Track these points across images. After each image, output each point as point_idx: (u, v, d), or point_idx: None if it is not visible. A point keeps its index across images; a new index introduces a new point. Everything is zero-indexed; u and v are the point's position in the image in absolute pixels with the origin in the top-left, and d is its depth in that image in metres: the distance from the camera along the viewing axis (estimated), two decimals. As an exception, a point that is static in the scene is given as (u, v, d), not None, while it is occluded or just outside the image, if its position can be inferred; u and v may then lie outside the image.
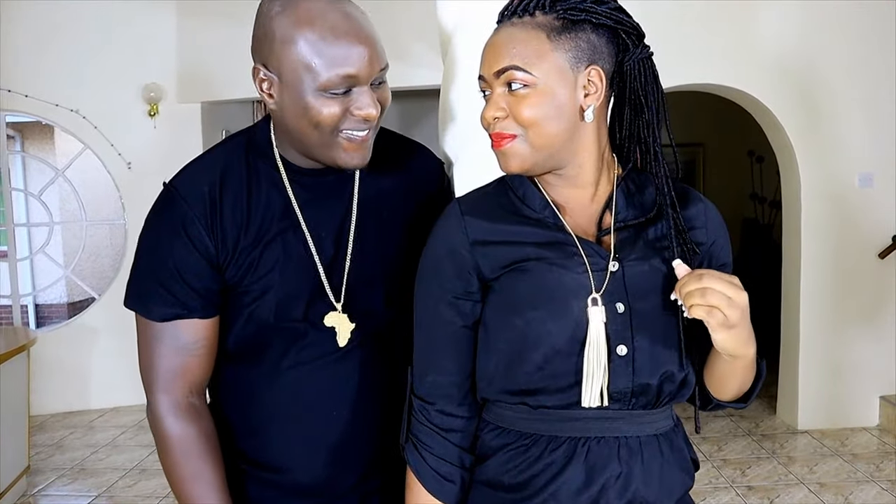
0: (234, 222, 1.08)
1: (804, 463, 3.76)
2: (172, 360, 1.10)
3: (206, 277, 1.08)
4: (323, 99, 1.01)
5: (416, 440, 1.02)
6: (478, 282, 0.99)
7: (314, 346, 1.11)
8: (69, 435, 4.57)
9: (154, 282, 1.09)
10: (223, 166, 1.11)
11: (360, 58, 1.01)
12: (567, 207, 1.01)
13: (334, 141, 1.03)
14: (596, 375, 0.92)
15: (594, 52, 0.97)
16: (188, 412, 1.11)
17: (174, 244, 1.08)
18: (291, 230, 1.10)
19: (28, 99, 4.80)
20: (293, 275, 1.10)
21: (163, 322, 1.09)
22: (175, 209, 1.08)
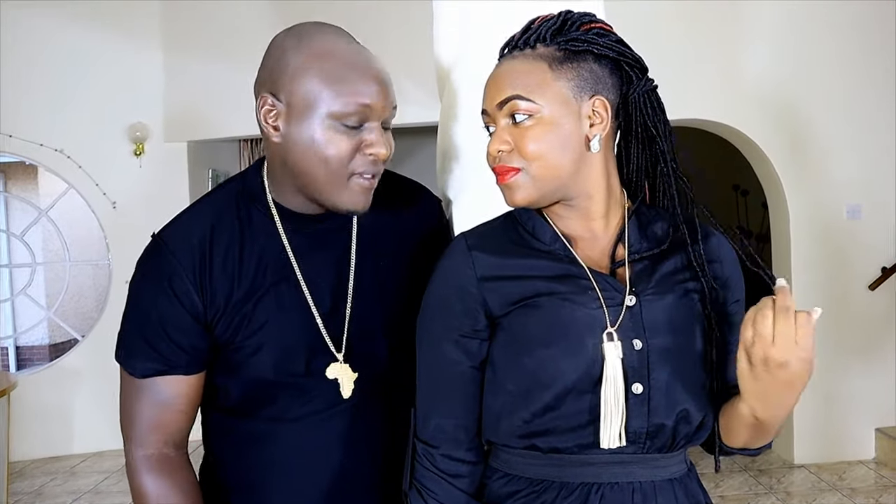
0: (225, 276, 1.04)
1: (803, 498, 3.71)
2: (151, 415, 1.06)
3: (192, 334, 1.04)
4: (333, 132, 0.98)
5: (421, 486, 0.97)
6: (485, 319, 0.96)
7: (317, 399, 1.07)
8: (50, 482, 4.43)
9: (138, 336, 1.05)
10: (214, 217, 1.07)
11: (376, 91, 0.99)
12: (578, 240, 0.98)
13: (343, 182, 1.00)
14: (615, 415, 0.88)
15: (597, 83, 0.95)
16: (163, 465, 1.06)
17: (159, 299, 1.04)
18: (286, 281, 1.06)
19: (12, 139, 4.76)
20: (289, 328, 1.05)
21: (143, 378, 1.05)
22: (162, 262, 1.04)
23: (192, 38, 4.89)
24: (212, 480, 1.13)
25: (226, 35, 4.85)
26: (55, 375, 4.97)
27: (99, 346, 5.03)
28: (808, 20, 4.13)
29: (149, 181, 4.97)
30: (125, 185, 4.94)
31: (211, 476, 1.13)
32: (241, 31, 4.84)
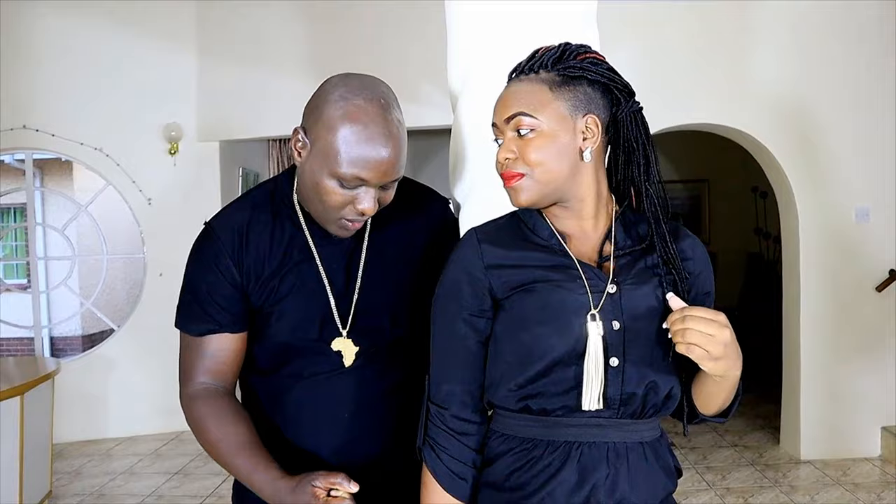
0: (257, 256, 1.26)
1: (806, 492, 3.83)
2: (203, 365, 1.27)
3: (234, 301, 1.26)
4: (333, 185, 1.17)
5: (434, 442, 1.15)
6: (490, 301, 1.13)
7: (326, 362, 1.28)
8: (87, 463, 4.68)
9: (194, 304, 1.28)
10: (251, 210, 1.29)
11: (378, 167, 1.16)
12: (572, 237, 1.15)
13: (332, 220, 1.22)
14: (594, 382, 1.05)
15: (590, 103, 1.12)
16: (210, 394, 1.26)
17: (208, 275, 1.26)
18: (307, 263, 1.27)
19: (54, 138, 5.02)
20: (306, 301, 1.27)
21: (198, 336, 1.26)
22: (210, 245, 1.27)
23: (225, 44, 5.11)
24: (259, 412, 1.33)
25: (256, 41, 5.06)
26: (91, 363, 5.21)
27: (134, 335, 5.28)
28: (817, 27, 4.24)
29: (182, 179, 5.20)
30: (160, 183, 5.17)
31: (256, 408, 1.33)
32: (270, 38, 5.06)
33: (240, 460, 1.20)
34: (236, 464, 1.21)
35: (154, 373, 5.27)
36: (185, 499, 3.99)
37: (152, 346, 5.26)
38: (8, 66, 5.00)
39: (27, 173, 5.35)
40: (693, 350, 1.00)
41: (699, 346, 0.99)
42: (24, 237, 11.78)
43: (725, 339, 1.00)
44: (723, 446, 4.61)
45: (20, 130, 4.99)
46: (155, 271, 5.24)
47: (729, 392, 1.12)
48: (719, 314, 1.01)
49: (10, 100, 5.00)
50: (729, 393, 1.12)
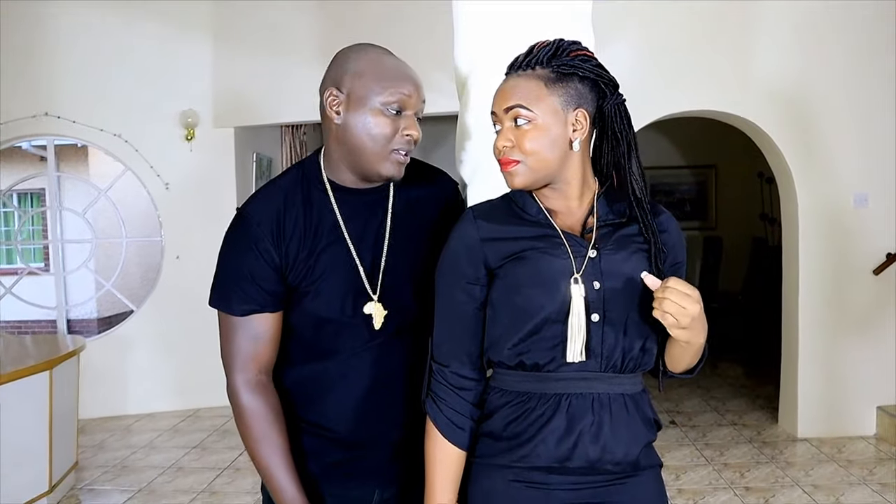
0: (294, 239, 1.36)
1: (801, 467, 3.97)
2: (248, 347, 1.37)
3: (273, 281, 1.36)
4: (381, 116, 1.31)
5: (435, 396, 1.30)
6: (485, 270, 1.27)
7: (359, 334, 1.39)
8: (109, 437, 4.87)
9: (235, 286, 1.37)
10: (283, 196, 1.39)
11: (412, 88, 1.34)
12: (558, 213, 1.29)
13: (385, 155, 1.34)
14: (578, 336, 1.19)
15: (580, 98, 1.25)
16: (258, 388, 1.38)
17: (248, 257, 1.35)
18: (338, 242, 1.39)
19: (75, 125, 5.18)
20: (340, 278, 1.38)
21: (241, 316, 1.37)
22: (248, 229, 1.36)
23: (240, 32, 5.24)
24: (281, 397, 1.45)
25: (270, 29, 5.19)
26: (110, 343, 5.38)
27: (151, 316, 5.46)
28: (820, 18, 4.33)
29: (199, 164, 5.35)
30: (177, 168, 5.32)
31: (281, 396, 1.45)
32: (284, 26, 5.18)
33: (276, 468, 1.36)
34: (272, 465, 1.36)
35: (171, 352, 5.46)
36: (205, 470, 4.17)
37: (170, 327, 5.44)
38: (30, 55, 5.16)
39: (49, 159, 5.51)
40: (666, 318, 1.13)
41: (672, 315, 1.13)
42: (40, 221, 12.02)
43: (694, 312, 1.14)
44: (722, 425, 4.75)
45: (42, 117, 5.15)
46: (172, 254, 5.40)
47: (693, 355, 1.26)
48: (694, 290, 1.15)
49: (33, 88, 5.16)
50: (694, 356, 1.26)
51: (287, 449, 1.38)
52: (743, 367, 6.45)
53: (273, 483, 1.37)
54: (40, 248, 11.62)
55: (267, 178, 6.14)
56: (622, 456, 1.24)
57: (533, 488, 1.23)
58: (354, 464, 1.44)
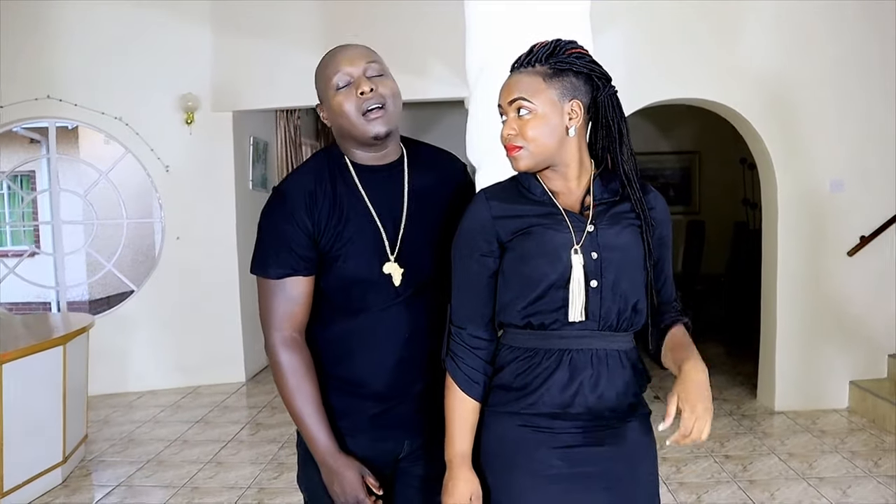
0: (325, 210, 1.54)
1: (777, 437, 4.20)
2: (284, 308, 1.54)
3: (307, 248, 1.53)
4: (339, 97, 1.51)
5: (453, 354, 1.47)
6: (497, 244, 1.44)
7: (382, 294, 1.56)
8: (112, 413, 5.02)
9: (272, 252, 1.54)
10: (314, 175, 1.57)
11: (345, 62, 1.52)
12: (559, 193, 1.46)
13: (361, 120, 1.51)
14: (577, 299, 1.37)
15: (575, 90, 1.42)
16: (293, 344, 1.55)
17: (286, 227, 1.52)
18: (363, 213, 1.56)
19: (77, 107, 5.29)
20: (365, 244, 1.55)
21: (277, 279, 1.54)
22: (284, 204, 1.54)
23: (238, 19, 5.36)
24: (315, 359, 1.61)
25: (268, 16, 5.31)
26: (111, 323, 5.49)
27: (152, 296, 5.60)
28: (801, 12, 4.52)
29: (198, 146, 5.49)
30: (177, 151, 5.45)
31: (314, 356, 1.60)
32: (282, 13, 5.31)
33: (309, 416, 1.53)
34: (305, 414, 1.53)
35: (171, 331, 5.61)
36: (209, 443, 4.34)
37: (170, 307, 5.58)
38: (33, 38, 5.26)
39: (50, 142, 5.61)
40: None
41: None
42: (30, 203, 12.05)
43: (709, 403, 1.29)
44: (704, 399, 4.97)
45: (44, 100, 5.25)
46: (172, 235, 5.54)
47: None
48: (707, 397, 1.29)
49: (35, 71, 5.26)
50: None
51: (319, 400, 1.55)
52: (725, 346, 6.70)
53: (306, 431, 1.55)
54: (31, 229, 11.68)
55: (263, 160, 6.28)
56: (616, 403, 1.42)
57: (539, 432, 1.41)
58: (384, 417, 1.60)
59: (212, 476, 3.81)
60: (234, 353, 5.74)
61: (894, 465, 3.72)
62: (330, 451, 1.54)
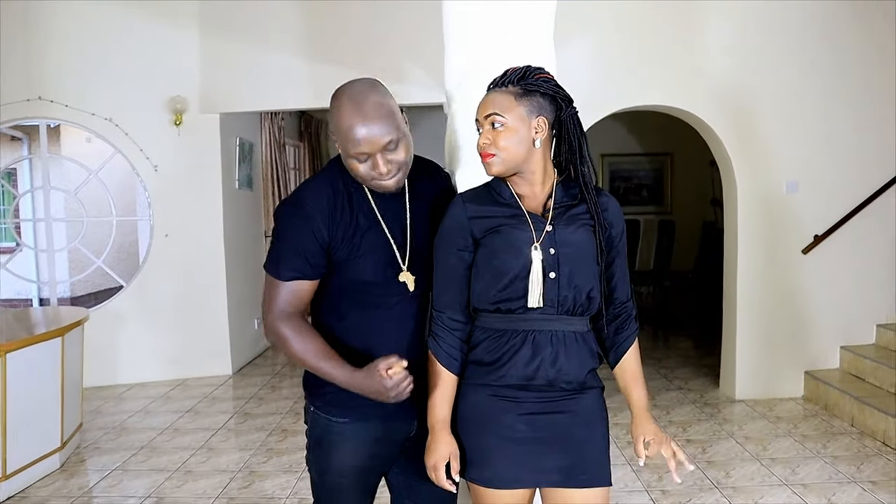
0: (342, 222, 1.70)
1: (736, 423, 4.49)
2: (286, 299, 1.71)
3: (319, 257, 1.68)
4: (354, 162, 1.65)
5: (435, 335, 1.71)
6: (472, 240, 1.67)
7: (393, 293, 1.75)
8: (104, 403, 5.20)
9: (287, 257, 1.68)
10: (331, 186, 1.71)
11: (369, 142, 1.61)
12: (525, 197, 1.70)
13: (370, 181, 1.67)
14: (536, 289, 1.60)
15: (541, 108, 1.66)
16: (292, 318, 1.71)
17: (302, 236, 1.66)
18: (375, 225, 1.74)
19: (68, 108, 5.45)
20: (378, 252, 1.73)
21: (286, 281, 1.71)
22: (305, 212, 1.67)
23: (226, 23, 5.56)
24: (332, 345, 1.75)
25: (252, 22, 5.52)
26: (100, 317, 5.63)
27: (140, 292, 5.77)
28: (756, 24, 4.82)
29: (186, 147, 5.67)
30: (165, 151, 5.63)
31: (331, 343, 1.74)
32: (267, 18, 5.51)
33: (322, 363, 1.67)
34: (320, 366, 1.68)
35: (160, 325, 5.80)
36: (200, 431, 4.54)
37: (158, 302, 5.76)
38: (25, 40, 5.42)
39: (42, 140, 5.76)
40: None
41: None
42: (11, 200, 12.09)
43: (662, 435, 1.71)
44: (670, 389, 5.26)
45: (36, 101, 5.42)
46: (161, 233, 5.72)
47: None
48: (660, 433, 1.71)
49: (27, 72, 5.42)
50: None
51: (327, 347, 1.69)
52: (692, 340, 7.01)
53: (328, 374, 1.68)
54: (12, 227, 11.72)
55: (249, 161, 6.48)
56: (573, 377, 1.67)
57: (506, 401, 1.66)
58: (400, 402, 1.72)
59: (203, 461, 4.02)
60: (221, 347, 5.94)
61: (841, 447, 4.02)
62: (352, 375, 1.66)
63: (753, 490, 3.48)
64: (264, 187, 6.96)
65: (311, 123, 8.22)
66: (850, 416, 4.42)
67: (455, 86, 2.01)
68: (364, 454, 1.80)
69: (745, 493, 3.44)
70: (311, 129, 8.24)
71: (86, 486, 3.70)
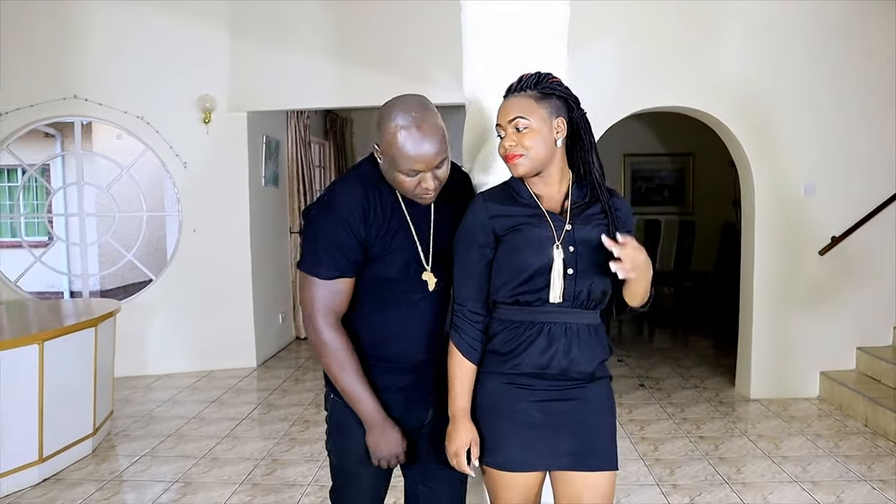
0: (375, 222, 1.76)
1: (749, 422, 4.55)
2: (328, 301, 1.80)
3: (357, 253, 1.75)
4: (403, 176, 1.71)
5: (456, 327, 1.81)
6: (493, 237, 1.77)
7: (415, 290, 1.85)
8: (133, 393, 5.37)
9: (326, 256, 1.75)
10: (364, 187, 1.78)
11: (423, 161, 1.69)
12: (543, 197, 1.79)
13: (412, 195, 1.75)
14: (556, 284, 1.70)
15: (559, 110, 1.76)
16: (336, 327, 1.81)
17: (340, 234, 1.73)
18: (404, 226, 1.83)
19: (101, 106, 5.63)
20: (405, 251, 1.83)
21: (327, 280, 1.79)
22: (339, 214, 1.74)
23: (254, 23, 5.71)
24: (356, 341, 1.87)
25: (282, 21, 5.66)
26: (130, 310, 5.80)
27: (169, 285, 5.94)
28: (775, 28, 4.86)
29: (214, 145, 5.83)
30: (194, 148, 5.79)
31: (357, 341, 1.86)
32: (295, 19, 5.65)
33: (357, 386, 1.79)
34: (354, 384, 1.79)
35: (187, 319, 5.96)
36: (225, 420, 4.69)
37: (186, 296, 5.93)
38: (62, 42, 5.61)
39: (76, 137, 5.94)
40: (622, 266, 1.61)
41: (626, 265, 1.62)
42: (44, 196, 12.40)
43: (641, 262, 1.65)
44: (686, 388, 5.33)
45: (71, 99, 5.60)
46: (189, 228, 5.88)
47: (644, 291, 1.75)
48: (641, 248, 1.64)
49: (64, 72, 5.61)
50: (644, 292, 1.76)
51: (362, 371, 1.82)
52: (711, 340, 7.05)
53: (356, 398, 1.81)
54: (45, 221, 12.02)
55: (275, 158, 6.63)
56: (584, 367, 1.76)
57: (521, 388, 1.76)
58: (414, 388, 1.89)
59: (229, 448, 4.16)
60: (247, 341, 6.10)
61: (854, 446, 4.07)
62: (379, 413, 1.80)
63: (763, 486, 3.55)
64: (290, 184, 7.10)
65: (337, 122, 8.36)
66: (863, 417, 4.46)
67: (472, 92, 2.11)
68: None
69: (754, 489, 3.51)
70: (337, 127, 8.37)
71: (116, 471, 3.86)
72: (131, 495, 3.56)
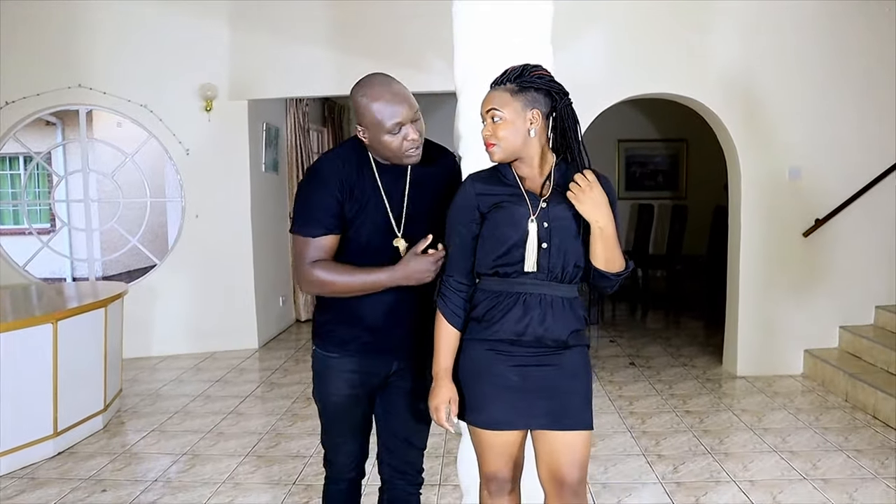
0: (350, 186, 2.00)
1: (734, 398, 4.73)
2: (314, 254, 2.00)
3: (338, 214, 1.97)
4: (390, 136, 1.93)
5: (443, 295, 1.98)
6: (478, 214, 1.93)
7: (387, 255, 2.03)
8: (139, 373, 5.55)
9: (311, 217, 1.99)
10: (345, 157, 2.03)
11: (403, 112, 1.91)
12: (526, 179, 1.95)
13: (402, 154, 1.97)
14: (531, 255, 1.86)
15: (535, 102, 1.91)
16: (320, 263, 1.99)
17: (323, 197, 1.96)
18: (377, 193, 2.03)
19: (105, 95, 5.77)
20: (376, 218, 2.03)
21: (314, 238, 1.99)
22: (322, 178, 1.98)
23: (254, 14, 5.84)
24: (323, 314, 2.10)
25: (281, 12, 5.78)
26: (135, 293, 5.95)
27: (172, 269, 6.11)
28: (763, 15, 5.00)
29: (216, 132, 5.98)
30: (196, 136, 5.94)
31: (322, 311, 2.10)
32: (293, 9, 5.77)
33: (362, 278, 1.98)
34: (361, 281, 1.98)
35: (190, 302, 6.13)
36: (229, 398, 4.86)
37: (189, 279, 6.10)
38: (66, 31, 5.75)
39: (81, 126, 6.09)
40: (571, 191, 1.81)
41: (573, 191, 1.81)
42: (45, 184, 12.55)
43: (595, 196, 1.82)
44: (675, 366, 5.50)
45: (76, 88, 5.75)
46: (192, 213, 6.04)
47: (611, 248, 1.88)
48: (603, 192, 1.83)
49: (69, 61, 5.75)
50: (612, 249, 1.88)
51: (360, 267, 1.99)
52: (702, 321, 7.22)
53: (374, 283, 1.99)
54: (46, 208, 12.20)
55: (275, 145, 6.77)
56: (558, 335, 1.92)
57: (501, 354, 1.92)
58: (376, 344, 2.08)
59: (234, 424, 4.34)
60: (248, 322, 6.27)
61: (833, 419, 4.25)
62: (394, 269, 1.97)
63: (744, 456, 3.72)
64: (289, 171, 7.25)
65: (334, 109, 8.50)
66: (844, 392, 4.63)
67: (462, 81, 2.27)
68: (351, 382, 2.10)
69: (735, 459, 3.69)
70: (334, 114, 8.51)
71: (127, 445, 4.04)
72: (142, 466, 3.74)
